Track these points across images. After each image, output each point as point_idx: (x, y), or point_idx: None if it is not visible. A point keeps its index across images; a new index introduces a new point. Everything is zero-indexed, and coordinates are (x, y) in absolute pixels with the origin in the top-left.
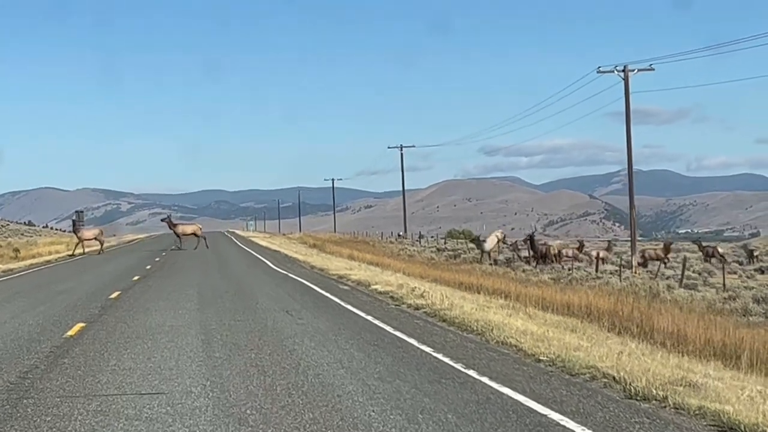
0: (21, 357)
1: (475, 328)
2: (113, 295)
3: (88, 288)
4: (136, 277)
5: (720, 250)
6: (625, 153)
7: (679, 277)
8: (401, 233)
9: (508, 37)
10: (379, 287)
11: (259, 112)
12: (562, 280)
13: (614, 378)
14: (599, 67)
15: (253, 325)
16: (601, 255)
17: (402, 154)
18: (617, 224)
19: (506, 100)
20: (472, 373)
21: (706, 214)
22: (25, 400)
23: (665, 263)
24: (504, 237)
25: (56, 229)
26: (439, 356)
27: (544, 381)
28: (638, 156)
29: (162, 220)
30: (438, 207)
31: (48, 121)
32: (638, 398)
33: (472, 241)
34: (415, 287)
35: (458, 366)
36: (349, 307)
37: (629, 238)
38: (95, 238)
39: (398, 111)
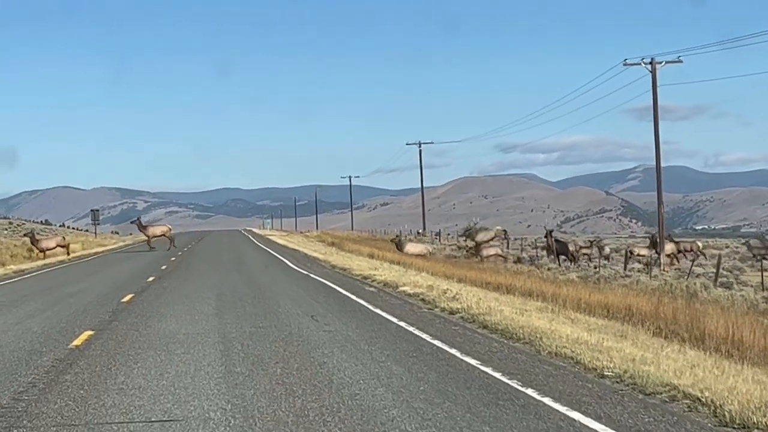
0: (18, 372)
1: (521, 336)
2: (126, 299)
3: (99, 290)
4: (150, 278)
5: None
6: (642, 149)
7: (711, 275)
8: (420, 231)
9: (524, 34)
10: (407, 289)
11: (273, 111)
12: (589, 279)
13: (699, 399)
14: (625, 59)
15: (277, 333)
16: (642, 253)
17: (420, 150)
18: (634, 221)
19: (523, 98)
20: (531, 392)
21: (723, 210)
22: (14, 431)
23: (697, 257)
24: (505, 233)
25: (73, 228)
26: (489, 371)
27: (617, 402)
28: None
29: (131, 222)
30: (454, 204)
31: (64, 121)
32: (735, 426)
33: (466, 231)
34: (447, 289)
35: (513, 383)
36: (379, 311)
37: (645, 235)
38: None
39: (414, 109)
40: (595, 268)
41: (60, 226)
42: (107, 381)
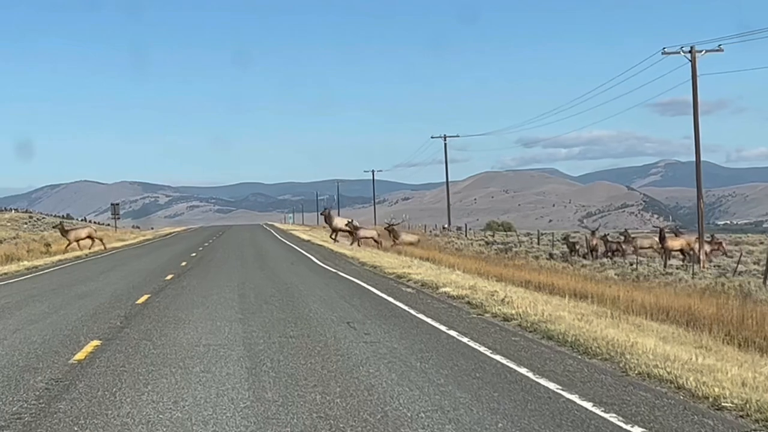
0: (5, 397)
1: (596, 350)
2: (141, 300)
3: (113, 290)
4: (169, 276)
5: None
6: (664, 144)
7: (754, 272)
8: (446, 226)
9: (548, 28)
10: (449, 290)
11: (295, 106)
12: (627, 276)
13: None
14: (664, 48)
15: (310, 344)
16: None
17: (445, 144)
18: (656, 215)
19: (547, 92)
20: None
21: (745, 206)
22: None
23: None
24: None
25: (94, 222)
26: (575, 399)
27: None
28: (677, 147)
29: (54, 227)
30: (475, 199)
31: (86, 115)
32: None
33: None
34: (494, 291)
35: (614, 419)
36: (422, 316)
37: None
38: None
39: (436, 103)
40: (631, 264)
41: (81, 220)
42: (110, 411)
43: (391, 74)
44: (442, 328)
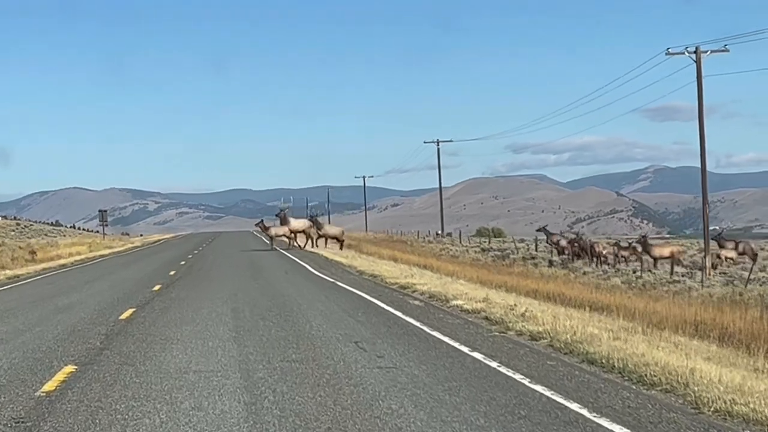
0: None
1: (653, 379)
2: (125, 315)
3: (96, 302)
4: (157, 287)
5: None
6: (653, 150)
7: (763, 279)
8: (439, 232)
9: (538, 33)
10: (461, 303)
11: (283, 112)
12: (633, 285)
13: None
14: (668, 49)
15: (317, 370)
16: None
17: (438, 149)
18: (645, 221)
19: (537, 98)
20: None
21: (734, 211)
22: None
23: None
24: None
25: (83, 229)
26: None
27: None
28: (667, 153)
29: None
30: (465, 205)
31: (75, 121)
32: None
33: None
34: (513, 305)
35: None
36: (438, 335)
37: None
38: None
39: (425, 109)
40: (634, 272)
41: (70, 227)
42: None
43: (381, 80)
44: (464, 349)
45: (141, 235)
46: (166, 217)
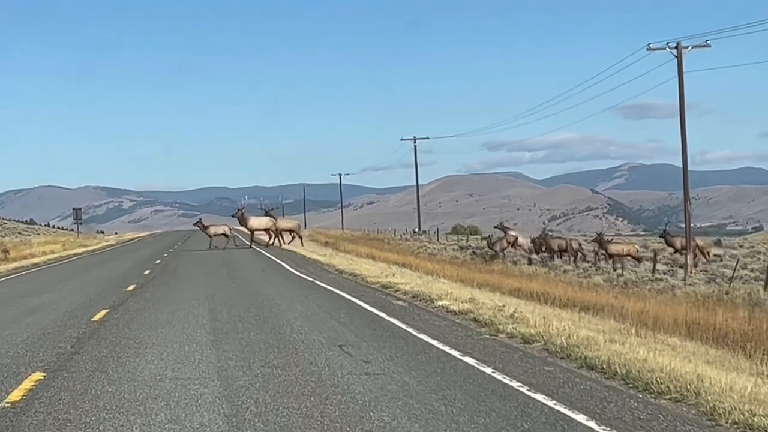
0: None
1: (660, 387)
2: (98, 316)
3: (68, 303)
4: (131, 286)
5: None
6: (628, 148)
7: (745, 278)
8: (416, 230)
9: (513, 31)
10: (446, 303)
11: (259, 110)
12: (614, 283)
13: None
14: (649, 44)
15: (301, 378)
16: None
17: (415, 146)
18: (620, 219)
19: (513, 95)
20: None
21: (708, 208)
22: None
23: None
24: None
25: (57, 227)
26: None
27: None
28: (642, 150)
29: None
30: (440, 203)
31: (49, 119)
32: None
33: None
34: (499, 305)
35: None
36: (426, 338)
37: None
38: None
39: (403, 108)
40: (615, 270)
41: (44, 225)
42: None
43: (353, 78)
44: (455, 353)
45: (116, 234)
46: (141, 215)
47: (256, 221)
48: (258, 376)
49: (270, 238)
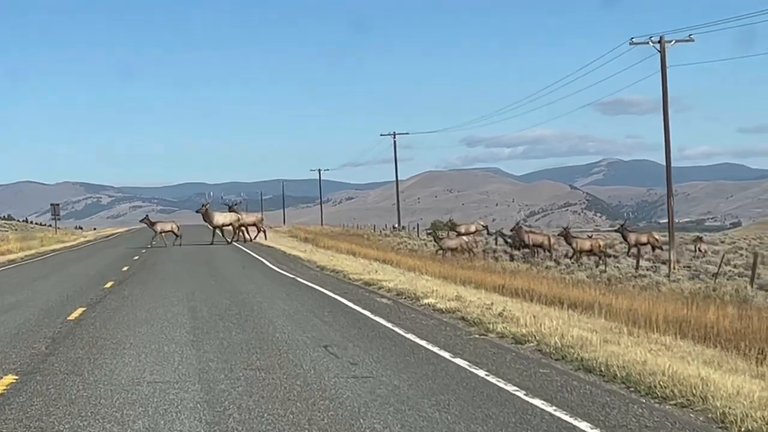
0: None
1: (664, 391)
2: (74, 315)
3: (44, 301)
4: (109, 283)
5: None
6: (606, 144)
7: (729, 273)
8: (396, 225)
9: (494, 30)
10: (432, 301)
11: (236, 105)
12: (598, 279)
13: None
14: (632, 38)
15: (285, 381)
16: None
17: (395, 141)
18: (598, 214)
19: (492, 92)
20: None
21: (686, 204)
22: None
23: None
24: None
25: (36, 223)
26: None
27: None
28: (620, 146)
29: None
30: (419, 198)
31: (28, 115)
32: None
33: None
34: (487, 303)
35: None
36: (414, 338)
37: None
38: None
39: (382, 103)
40: (597, 266)
41: (23, 221)
42: None
43: (335, 73)
44: (445, 354)
45: (94, 229)
46: (120, 210)
47: (221, 217)
48: (240, 379)
49: (234, 235)
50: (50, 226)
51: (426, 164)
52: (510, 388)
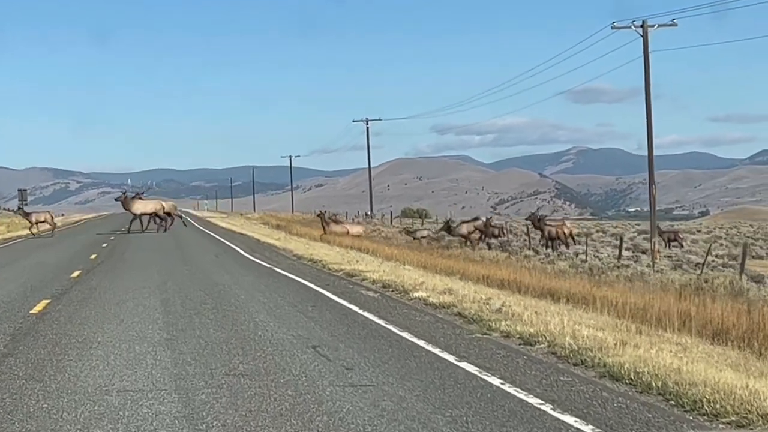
0: None
1: (713, 406)
2: (37, 308)
3: (6, 292)
4: (75, 273)
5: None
6: (575, 132)
7: (711, 263)
8: (368, 213)
9: (465, 14)
10: (423, 295)
11: (206, 91)
12: (579, 268)
13: None
14: (614, 22)
15: (275, 390)
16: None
17: (368, 127)
18: (567, 202)
19: (462, 79)
20: None
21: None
22: None
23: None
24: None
25: (3, 209)
26: None
27: None
28: (590, 134)
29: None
30: (389, 186)
31: None
32: None
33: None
34: (488, 298)
35: None
36: (410, 337)
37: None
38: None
39: (352, 90)
40: (577, 255)
41: None
42: None
43: (307, 59)
44: (450, 357)
45: (62, 215)
46: (88, 196)
47: (142, 205)
48: (223, 387)
49: (148, 222)
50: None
51: (396, 151)
52: (533, 400)
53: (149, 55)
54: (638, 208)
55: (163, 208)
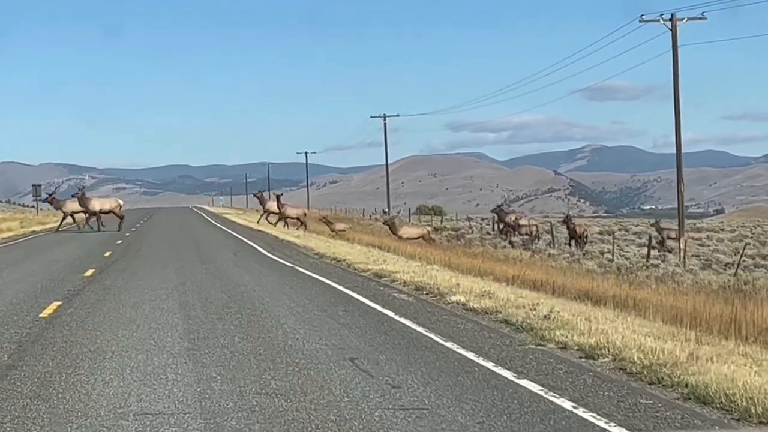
0: None
1: None
2: (47, 311)
3: (15, 292)
4: (89, 272)
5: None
6: (590, 130)
7: (743, 263)
8: (386, 210)
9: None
10: (461, 299)
11: (222, 88)
12: (606, 268)
13: None
14: (642, 15)
15: (315, 414)
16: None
17: (385, 124)
18: (582, 200)
19: (478, 76)
20: None
21: (670, 191)
22: None
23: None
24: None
25: (19, 204)
26: None
27: None
28: (605, 132)
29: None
30: (403, 183)
31: (10, 94)
32: None
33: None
34: (536, 303)
35: None
36: (458, 348)
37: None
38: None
39: (368, 87)
40: (603, 254)
41: (6, 201)
42: None
43: (321, 57)
44: (506, 374)
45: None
46: (103, 192)
47: (99, 203)
48: (255, 410)
49: (94, 220)
50: (33, 207)
51: (410, 148)
52: (616, 430)
53: (163, 51)
54: (653, 206)
55: (120, 207)
